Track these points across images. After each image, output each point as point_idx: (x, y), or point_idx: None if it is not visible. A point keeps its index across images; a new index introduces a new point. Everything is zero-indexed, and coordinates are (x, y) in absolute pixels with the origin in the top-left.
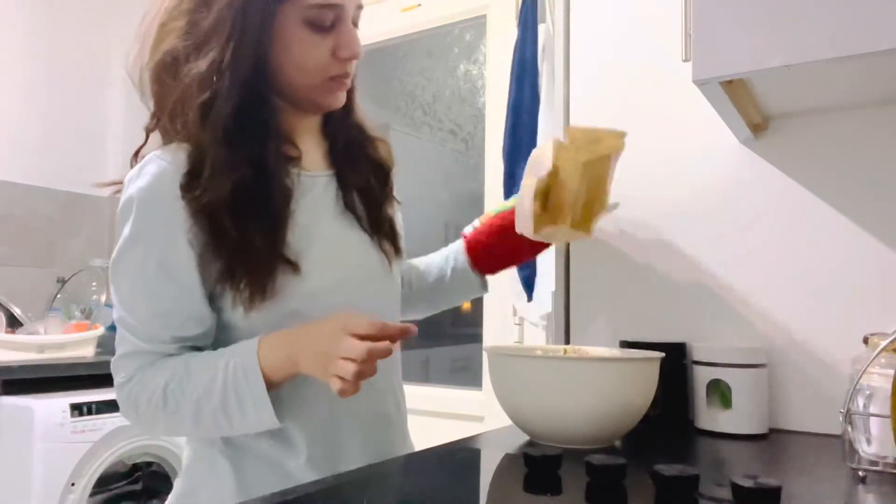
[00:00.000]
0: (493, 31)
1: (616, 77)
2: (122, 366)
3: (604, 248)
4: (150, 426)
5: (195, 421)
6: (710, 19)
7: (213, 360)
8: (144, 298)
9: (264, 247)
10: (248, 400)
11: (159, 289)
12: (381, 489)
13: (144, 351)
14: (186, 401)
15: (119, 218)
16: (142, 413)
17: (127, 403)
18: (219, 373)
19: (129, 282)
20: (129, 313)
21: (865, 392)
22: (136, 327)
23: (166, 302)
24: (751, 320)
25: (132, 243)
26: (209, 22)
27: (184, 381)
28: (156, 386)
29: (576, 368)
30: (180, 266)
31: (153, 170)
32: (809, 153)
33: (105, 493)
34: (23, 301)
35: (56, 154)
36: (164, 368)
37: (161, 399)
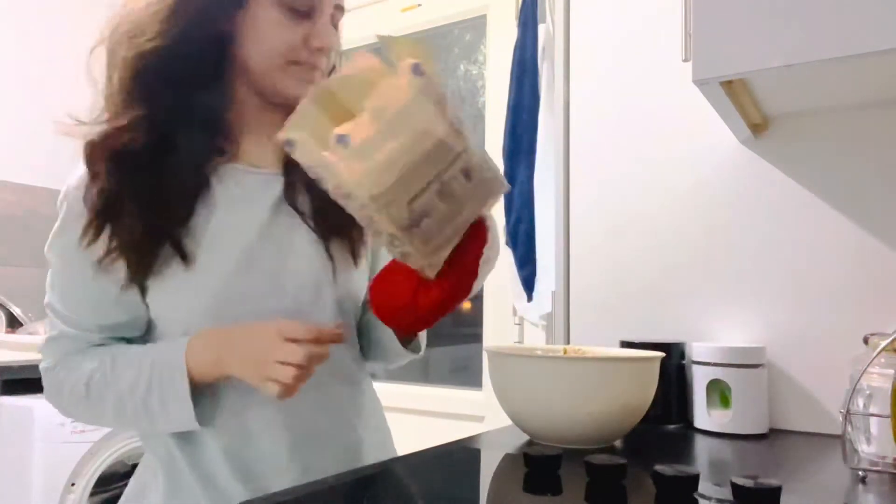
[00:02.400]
0: (493, 31)
1: (616, 77)
2: (48, 350)
3: (604, 249)
4: (73, 414)
5: (116, 414)
6: (710, 19)
7: (139, 355)
8: (61, 284)
9: (149, 220)
10: (171, 399)
11: (72, 275)
12: (381, 489)
13: (71, 336)
14: (110, 394)
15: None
16: (65, 400)
17: (51, 389)
18: (144, 369)
19: (58, 268)
20: (58, 299)
21: (865, 392)
22: (62, 313)
23: (85, 292)
24: (750, 320)
25: (61, 230)
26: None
27: (108, 373)
28: (80, 375)
29: (576, 368)
30: (83, 262)
31: (77, 171)
32: (809, 153)
33: (105, 493)
34: (23, 301)
35: (56, 154)
36: (91, 358)
37: (84, 389)
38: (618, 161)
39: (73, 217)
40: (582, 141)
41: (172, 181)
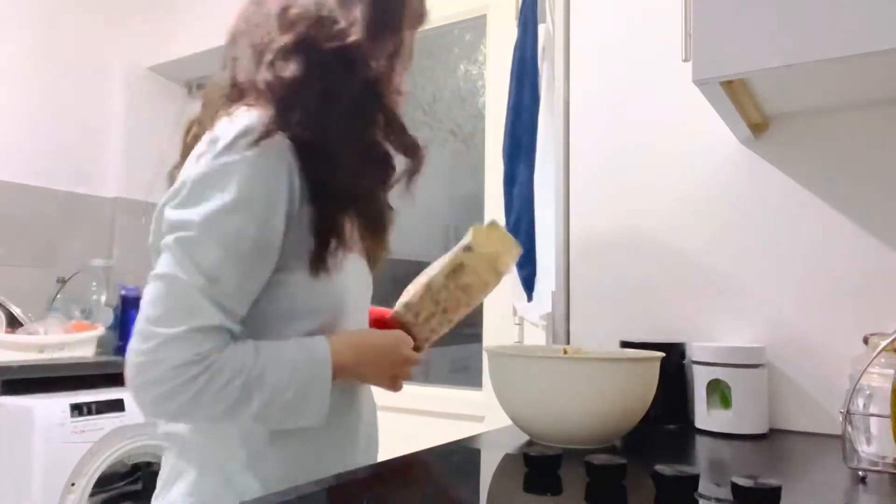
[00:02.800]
0: (493, 31)
1: (616, 77)
2: (197, 340)
3: (604, 249)
4: (196, 413)
5: (259, 412)
6: (710, 19)
7: (290, 355)
8: (236, 275)
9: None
10: (313, 398)
11: (255, 263)
12: (382, 489)
13: (221, 327)
14: (261, 391)
15: (205, 183)
16: (203, 397)
17: (186, 385)
18: (299, 368)
19: (222, 250)
20: (213, 283)
21: (865, 392)
22: (218, 299)
23: (255, 278)
24: (751, 320)
25: (234, 209)
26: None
27: (266, 370)
28: (238, 369)
29: (576, 368)
30: (275, 242)
31: (252, 131)
32: (809, 153)
33: (105, 493)
34: (23, 301)
35: (56, 154)
36: (242, 353)
37: (241, 385)
38: (618, 161)
39: (260, 193)
40: (582, 141)
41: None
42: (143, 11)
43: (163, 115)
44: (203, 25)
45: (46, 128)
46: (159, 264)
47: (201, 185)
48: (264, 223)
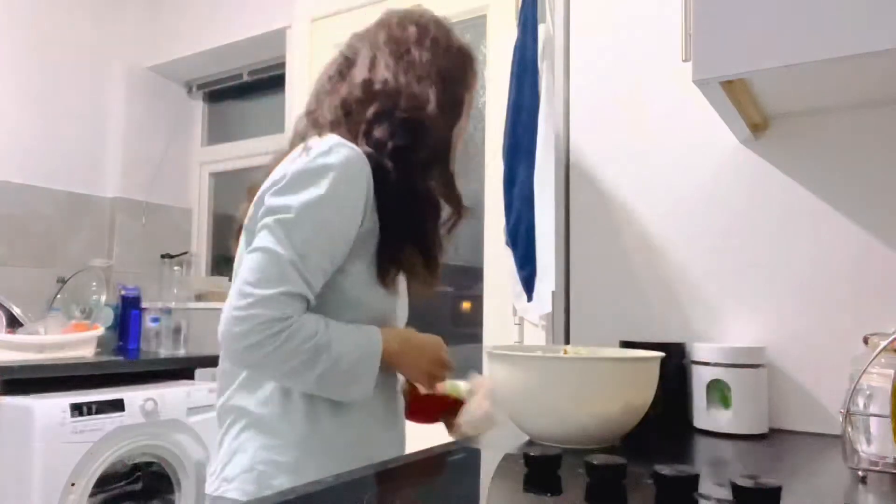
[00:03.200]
0: (493, 31)
1: (616, 77)
2: (284, 302)
3: (604, 249)
4: (271, 366)
5: (320, 375)
6: (710, 19)
7: (348, 332)
8: (319, 252)
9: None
10: (363, 375)
11: (334, 249)
12: (381, 489)
13: (304, 296)
14: (327, 357)
15: (302, 178)
16: (280, 352)
17: (271, 338)
18: (358, 345)
19: (310, 234)
20: (302, 259)
21: (865, 392)
22: (304, 275)
23: (332, 261)
24: (751, 320)
25: (326, 202)
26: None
27: (332, 340)
28: (310, 333)
29: (576, 368)
30: (350, 236)
31: (348, 152)
32: (809, 153)
33: (105, 493)
34: (23, 301)
35: (56, 154)
36: (314, 322)
37: (312, 348)
38: (618, 161)
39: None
40: (582, 141)
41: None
42: (143, 11)
43: (163, 115)
44: (203, 25)
45: (46, 128)
46: (259, 239)
47: (299, 179)
48: (345, 218)
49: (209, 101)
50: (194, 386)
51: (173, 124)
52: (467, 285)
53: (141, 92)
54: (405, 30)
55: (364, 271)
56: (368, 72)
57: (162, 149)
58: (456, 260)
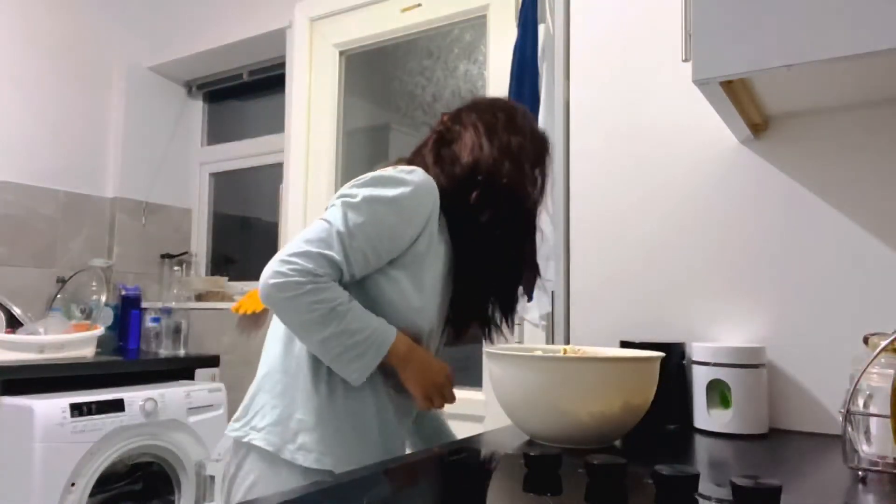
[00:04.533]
0: (493, 31)
1: (616, 77)
2: (321, 261)
3: (604, 249)
4: (288, 310)
5: (325, 338)
6: (710, 19)
7: (369, 318)
8: (366, 239)
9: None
10: (366, 359)
11: (381, 244)
12: (381, 489)
13: (339, 266)
14: (338, 324)
15: (375, 181)
16: (306, 303)
17: (297, 284)
18: (369, 326)
19: (364, 220)
20: (350, 238)
21: (865, 392)
22: (347, 251)
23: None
24: (751, 320)
25: (390, 203)
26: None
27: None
28: (333, 297)
29: (576, 368)
30: (401, 244)
31: (426, 177)
32: (809, 153)
33: (105, 493)
34: (23, 301)
35: (56, 154)
36: (342, 292)
37: (329, 308)
38: (618, 161)
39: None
40: (582, 141)
41: None
42: (142, 11)
43: (163, 115)
44: (203, 25)
45: (46, 128)
46: (326, 213)
47: (374, 181)
48: (400, 224)
49: (209, 101)
50: (194, 386)
51: (173, 124)
52: None
53: (141, 92)
54: (495, 115)
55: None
56: (470, 153)
57: (162, 149)
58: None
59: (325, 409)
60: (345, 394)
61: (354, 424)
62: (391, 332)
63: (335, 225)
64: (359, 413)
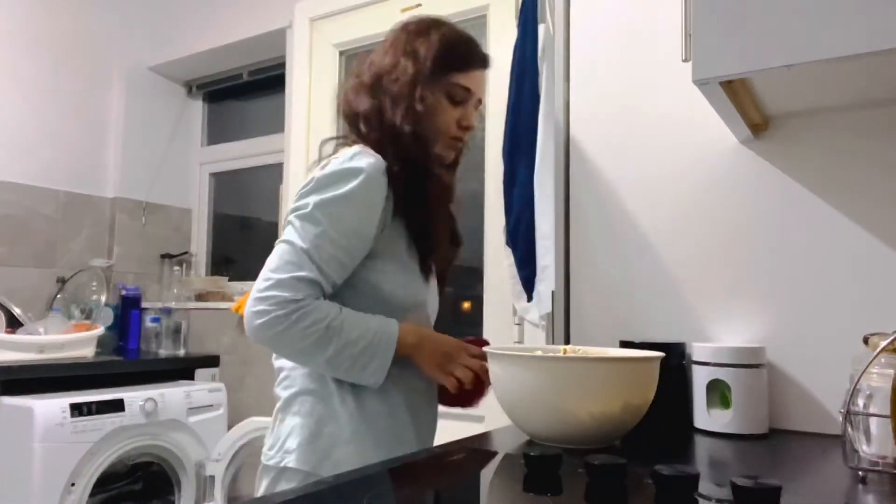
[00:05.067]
0: (493, 31)
1: (616, 77)
2: (296, 286)
3: (604, 249)
4: (283, 344)
5: (332, 357)
6: (710, 19)
7: (365, 320)
8: (333, 246)
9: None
10: (377, 361)
11: (350, 242)
12: (381, 489)
13: (317, 282)
14: (336, 340)
15: (320, 184)
16: (291, 331)
17: (281, 318)
18: (369, 331)
19: (324, 228)
20: (317, 251)
21: (865, 392)
22: (319, 264)
23: (347, 254)
24: (751, 320)
25: (343, 200)
26: (401, 82)
27: (343, 323)
28: (323, 316)
29: (576, 368)
30: (367, 234)
31: (371, 160)
32: (809, 153)
33: (105, 493)
34: (23, 301)
35: (56, 154)
36: (330, 307)
37: (324, 329)
38: (617, 161)
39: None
40: (582, 141)
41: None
42: (143, 11)
43: (163, 115)
44: (203, 25)
45: (46, 128)
46: (284, 234)
47: (323, 181)
48: (361, 216)
49: (209, 101)
50: (194, 386)
51: (173, 124)
52: (467, 285)
53: (141, 92)
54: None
55: (397, 270)
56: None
57: (162, 149)
58: (456, 260)
59: (358, 419)
60: (374, 398)
61: (389, 426)
62: (393, 327)
63: (297, 243)
64: (391, 413)
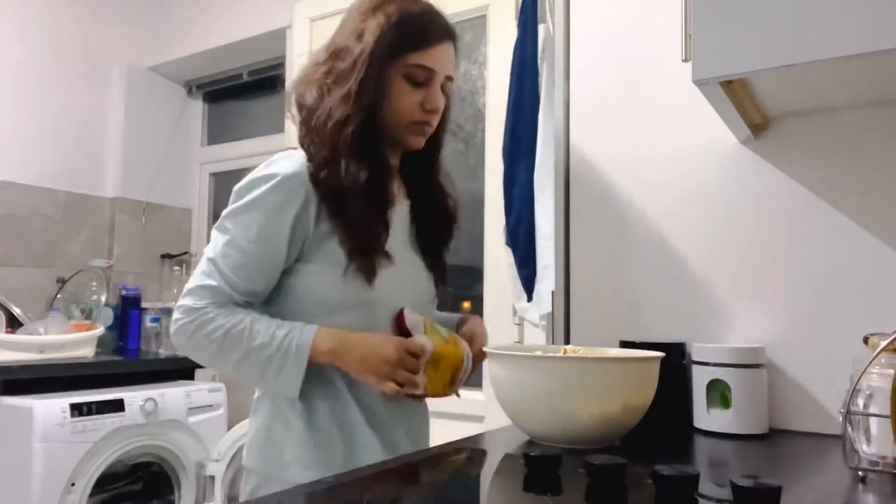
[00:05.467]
0: (493, 31)
1: (616, 77)
2: (199, 293)
3: (604, 249)
4: (195, 352)
5: (238, 364)
6: (710, 19)
7: (275, 326)
8: (236, 251)
9: (378, 236)
10: (288, 369)
11: (252, 248)
12: (381, 489)
13: (223, 290)
14: (240, 346)
15: (235, 194)
16: (198, 338)
17: (188, 326)
18: (277, 338)
19: (231, 236)
20: (223, 258)
21: (865, 392)
22: (223, 271)
23: (252, 259)
24: (751, 320)
25: (252, 207)
26: (344, 66)
27: (247, 330)
28: (224, 323)
29: (576, 368)
30: (277, 236)
31: (288, 163)
32: (809, 153)
33: (105, 493)
34: (23, 301)
35: (56, 154)
36: (235, 313)
37: (223, 334)
38: (617, 161)
39: (273, 201)
40: (582, 141)
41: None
42: (143, 11)
43: (163, 115)
44: (203, 25)
45: (46, 128)
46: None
47: (238, 192)
48: (273, 222)
49: (209, 101)
50: (194, 386)
51: (173, 124)
52: (467, 285)
53: (141, 92)
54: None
55: (328, 271)
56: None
57: (162, 149)
58: (456, 260)
59: (307, 422)
60: (324, 401)
61: (342, 430)
62: (308, 333)
63: (208, 253)
64: (341, 416)
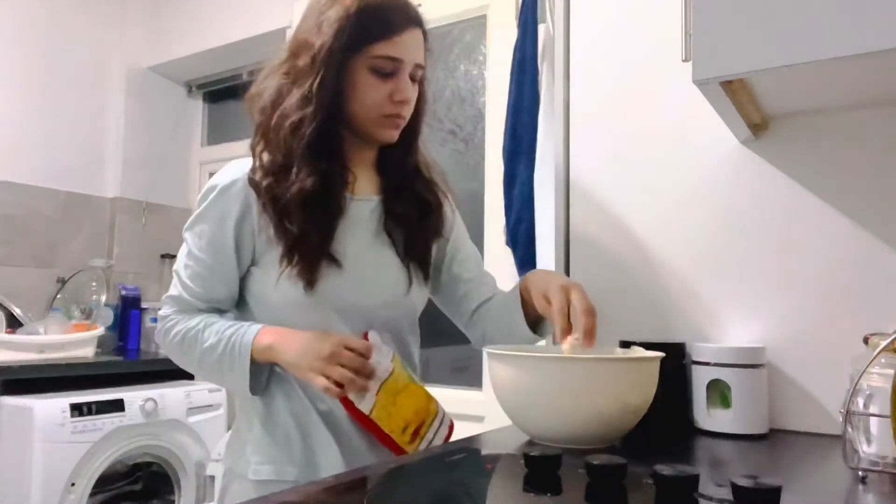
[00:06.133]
0: (493, 31)
1: (616, 77)
2: (168, 302)
3: (604, 249)
4: (171, 354)
5: (199, 365)
6: (710, 19)
7: (224, 327)
8: (192, 261)
9: (317, 241)
10: (235, 368)
11: (205, 257)
12: (381, 489)
13: (185, 299)
14: (197, 349)
15: (196, 204)
16: (168, 342)
17: (160, 333)
18: (223, 338)
19: (188, 247)
20: (183, 269)
21: (865, 392)
22: (183, 281)
23: (206, 268)
24: (751, 320)
25: (200, 218)
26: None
27: (200, 333)
28: (182, 328)
29: (576, 368)
30: (224, 245)
31: (229, 172)
32: (809, 153)
33: (105, 493)
34: (23, 301)
35: (56, 154)
36: (192, 319)
37: (181, 340)
38: (617, 161)
39: (216, 210)
40: (582, 141)
41: (330, 205)
42: (142, 11)
43: (163, 115)
44: (203, 25)
45: (47, 128)
46: None
47: (198, 202)
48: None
49: (209, 101)
50: (194, 386)
51: (173, 124)
52: None
53: (141, 92)
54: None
55: (272, 275)
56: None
57: (162, 149)
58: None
59: (266, 419)
60: (283, 400)
61: (300, 430)
62: (250, 332)
63: (175, 264)
64: (299, 416)
